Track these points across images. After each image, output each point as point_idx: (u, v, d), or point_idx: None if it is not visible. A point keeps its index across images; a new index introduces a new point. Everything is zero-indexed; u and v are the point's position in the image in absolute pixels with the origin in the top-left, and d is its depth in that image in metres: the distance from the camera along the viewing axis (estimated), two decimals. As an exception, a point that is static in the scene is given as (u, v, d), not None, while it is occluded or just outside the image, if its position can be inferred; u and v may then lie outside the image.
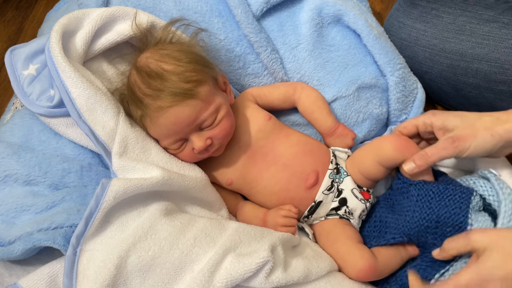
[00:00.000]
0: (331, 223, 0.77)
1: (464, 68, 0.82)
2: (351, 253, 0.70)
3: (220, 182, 0.80)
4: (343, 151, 0.80)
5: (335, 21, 0.86)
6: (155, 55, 0.71)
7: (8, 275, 0.67)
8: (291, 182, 0.76)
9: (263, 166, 0.77)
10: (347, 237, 0.73)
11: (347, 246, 0.72)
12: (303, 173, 0.76)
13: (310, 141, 0.81)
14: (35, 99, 0.72)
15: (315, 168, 0.77)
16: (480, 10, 0.80)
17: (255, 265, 0.61)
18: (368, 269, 0.68)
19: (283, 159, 0.77)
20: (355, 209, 0.77)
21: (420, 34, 0.87)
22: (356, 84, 0.84)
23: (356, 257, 0.69)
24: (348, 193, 0.77)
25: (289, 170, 0.76)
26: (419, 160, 0.69)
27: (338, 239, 0.73)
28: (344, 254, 0.71)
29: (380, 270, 0.69)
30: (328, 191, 0.77)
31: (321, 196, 0.76)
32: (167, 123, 0.69)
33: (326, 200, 0.77)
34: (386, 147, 0.73)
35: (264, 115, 0.80)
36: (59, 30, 0.70)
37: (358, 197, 0.77)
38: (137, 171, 0.68)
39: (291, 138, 0.79)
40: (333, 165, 0.78)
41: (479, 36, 0.80)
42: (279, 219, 0.74)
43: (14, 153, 0.72)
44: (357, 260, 0.69)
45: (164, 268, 0.62)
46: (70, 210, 0.67)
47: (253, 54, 0.83)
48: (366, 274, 0.68)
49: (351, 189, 0.77)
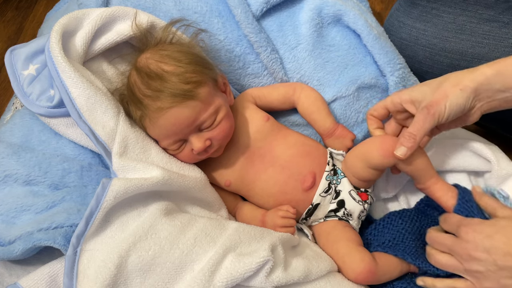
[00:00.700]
0: (330, 225, 0.77)
1: (465, 67, 0.81)
2: (351, 255, 0.70)
3: (219, 183, 0.80)
4: (339, 154, 0.80)
5: (335, 21, 0.85)
6: (155, 56, 0.71)
7: (8, 275, 0.67)
8: (288, 184, 0.76)
9: (260, 168, 0.77)
10: (348, 239, 0.73)
11: (347, 248, 0.72)
12: (300, 175, 0.76)
13: (308, 142, 0.81)
14: (35, 99, 0.72)
15: (312, 170, 0.77)
16: (480, 9, 0.80)
17: (255, 265, 0.61)
18: (368, 273, 0.68)
19: (281, 161, 0.77)
20: (354, 210, 0.77)
21: (420, 33, 0.87)
22: (356, 84, 0.84)
23: (356, 259, 0.69)
24: (346, 195, 0.77)
25: (286, 172, 0.76)
26: (407, 141, 0.66)
27: (338, 240, 0.73)
28: (344, 256, 0.71)
29: (379, 276, 0.69)
30: (325, 193, 0.77)
31: (318, 199, 0.76)
32: (167, 124, 0.69)
33: (323, 202, 0.77)
34: (374, 155, 0.72)
35: (263, 116, 0.80)
36: (59, 30, 0.70)
37: (355, 199, 0.77)
38: (137, 171, 0.68)
39: (289, 140, 0.79)
40: (330, 167, 0.78)
41: (479, 36, 0.80)
42: (278, 220, 0.74)
43: (14, 153, 0.72)
44: (358, 263, 0.69)
45: (165, 268, 0.62)
46: (70, 210, 0.67)
47: (253, 54, 0.83)
48: (365, 278, 0.68)
49: (349, 191, 0.77)
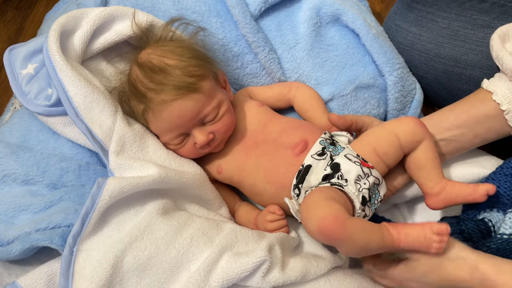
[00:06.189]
0: (317, 189, 0.67)
1: (458, 74, 0.82)
2: (317, 203, 0.60)
3: (211, 172, 0.79)
4: (342, 135, 0.74)
5: (334, 21, 0.85)
6: (156, 51, 0.71)
7: (7, 275, 0.67)
8: (278, 152, 0.73)
9: (252, 146, 0.77)
10: (323, 192, 0.63)
11: (317, 197, 0.62)
12: (291, 143, 0.73)
13: (302, 121, 0.80)
14: (33, 98, 0.72)
15: (305, 138, 0.73)
16: (475, 14, 0.79)
17: (251, 265, 0.60)
18: (334, 220, 0.54)
19: (273, 135, 0.76)
20: (349, 171, 0.66)
21: (415, 38, 0.87)
22: (354, 84, 0.84)
23: (322, 206, 0.58)
24: (342, 158, 0.69)
25: (277, 142, 0.74)
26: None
27: (312, 193, 0.65)
28: (310, 204, 0.60)
29: (349, 230, 0.55)
30: (318, 156, 0.70)
31: (309, 160, 0.69)
32: (171, 116, 0.69)
33: (316, 165, 0.69)
34: (407, 120, 0.70)
35: (256, 103, 0.81)
36: (57, 29, 0.70)
37: (351, 160, 0.68)
38: (134, 170, 0.68)
39: (283, 120, 0.79)
40: (327, 136, 0.73)
41: (473, 42, 0.79)
42: (268, 226, 0.73)
43: (12, 152, 0.72)
44: (323, 209, 0.57)
45: (161, 268, 0.62)
46: (68, 210, 0.67)
47: (251, 54, 0.83)
48: (329, 226, 0.54)
49: (345, 154, 0.69)
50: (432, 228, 0.59)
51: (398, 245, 0.59)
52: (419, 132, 0.69)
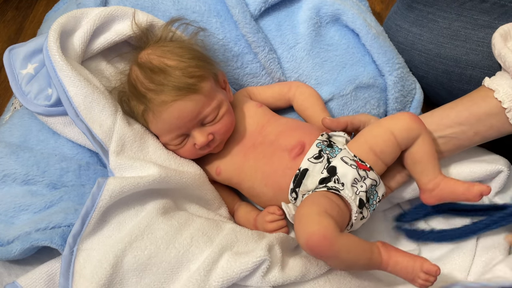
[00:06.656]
0: (314, 194, 0.67)
1: (459, 74, 0.82)
2: (309, 216, 0.60)
3: (210, 173, 0.79)
4: (339, 135, 0.74)
5: (334, 21, 0.86)
6: (157, 52, 0.71)
7: (7, 275, 0.67)
8: (275, 154, 0.73)
9: (250, 149, 0.77)
10: (317, 203, 0.63)
11: (309, 209, 0.61)
12: (288, 146, 0.73)
13: (301, 122, 0.79)
14: (33, 98, 0.72)
15: (302, 140, 0.72)
16: (476, 15, 0.79)
17: (251, 264, 0.60)
18: (322, 238, 0.56)
19: (271, 136, 0.76)
20: (345, 174, 0.66)
21: (416, 38, 0.87)
22: (354, 83, 0.84)
23: (313, 222, 0.58)
24: (338, 161, 0.68)
25: (274, 144, 0.75)
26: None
27: (305, 203, 0.65)
28: (302, 216, 0.60)
29: (337, 247, 0.57)
30: (315, 159, 0.69)
31: (306, 163, 0.69)
32: (171, 117, 0.69)
33: (313, 169, 0.69)
34: (402, 117, 0.69)
35: (255, 104, 0.81)
36: (57, 29, 0.70)
37: (348, 163, 0.67)
38: (134, 169, 0.68)
39: (281, 122, 0.79)
40: (324, 138, 0.73)
41: (474, 43, 0.79)
42: (267, 226, 0.73)
43: (12, 152, 0.72)
44: (313, 224, 0.57)
45: (161, 268, 0.62)
46: (68, 210, 0.67)
47: (251, 54, 0.83)
48: (316, 243, 0.56)
49: (341, 157, 0.69)
50: (423, 265, 0.59)
51: (385, 268, 0.61)
52: (415, 128, 0.68)
